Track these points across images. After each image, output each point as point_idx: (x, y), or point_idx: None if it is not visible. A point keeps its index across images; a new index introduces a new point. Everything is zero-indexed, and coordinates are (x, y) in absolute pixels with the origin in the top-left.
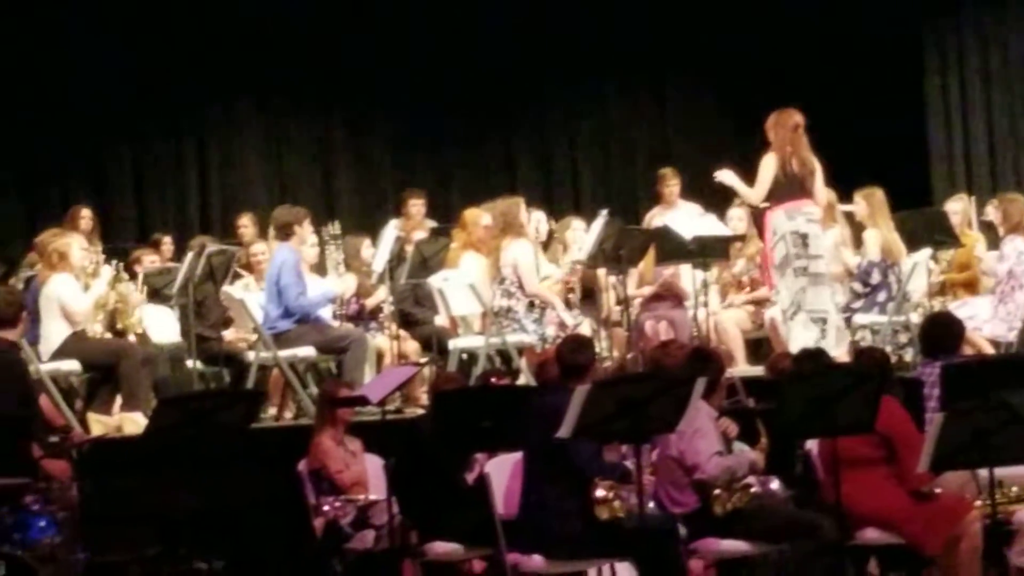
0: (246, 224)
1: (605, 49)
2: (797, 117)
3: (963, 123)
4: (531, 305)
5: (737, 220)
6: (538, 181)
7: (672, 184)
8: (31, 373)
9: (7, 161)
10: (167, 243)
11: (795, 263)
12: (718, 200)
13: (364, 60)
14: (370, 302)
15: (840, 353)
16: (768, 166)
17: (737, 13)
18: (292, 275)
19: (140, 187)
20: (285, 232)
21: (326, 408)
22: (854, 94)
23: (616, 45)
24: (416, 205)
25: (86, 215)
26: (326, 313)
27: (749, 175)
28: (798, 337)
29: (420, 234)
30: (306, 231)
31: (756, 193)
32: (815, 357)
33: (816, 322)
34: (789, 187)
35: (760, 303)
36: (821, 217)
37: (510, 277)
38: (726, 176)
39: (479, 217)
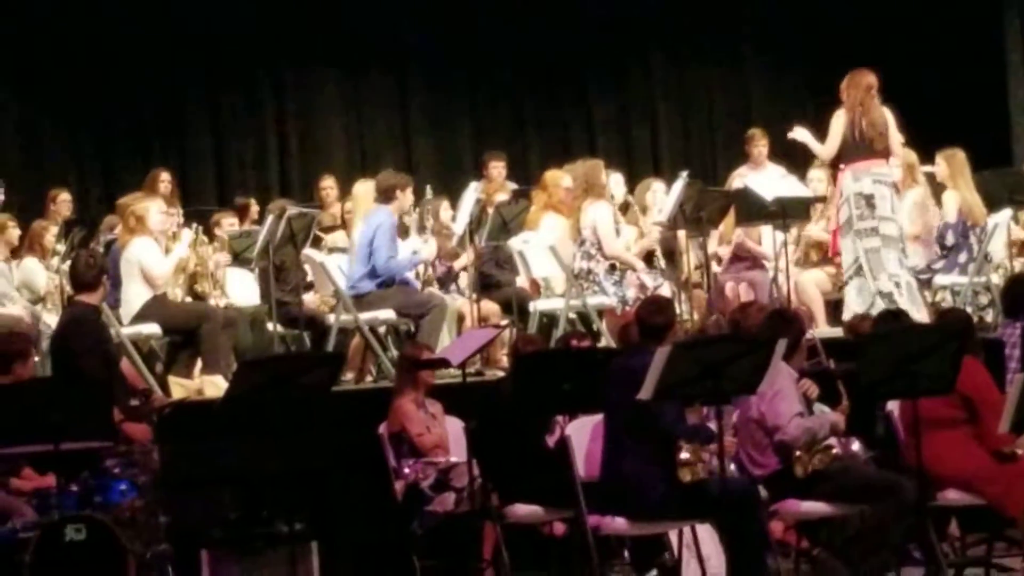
0: (330, 186)
1: (683, 11)
2: (870, 78)
3: None
4: (612, 267)
5: (817, 181)
6: (617, 144)
7: (761, 144)
8: (112, 337)
9: (87, 126)
10: (254, 206)
11: (857, 224)
12: (799, 162)
13: (440, 22)
14: (457, 265)
15: (915, 313)
16: (837, 123)
17: None
18: (387, 238)
19: (219, 151)
20: (387, 196)
21: (407, 371)
22: (933, 54)
23: (693, 7)
24: (497, 167)
25: (165, 179)
26: (410, 276)
27: (822, 135)
28: (852, 302)
29: (501, 196)
30: (407, 198)
31: (827, 149)
32: (896, 317)
33: (895, 284)
34: (857, 148)
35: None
36: (899, 177)
37: (590, 239)
38: (800, 133)
39: (560, 178)
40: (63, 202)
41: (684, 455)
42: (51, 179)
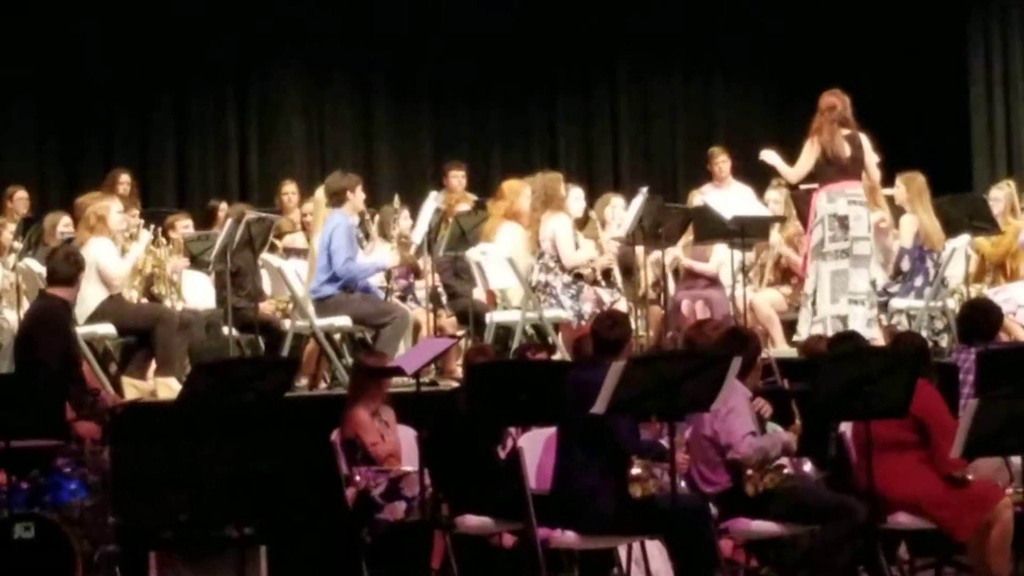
0: (291, 191)
1: (648, 26)
2: (829, 99)
3: (1005, 108)
4: (572, 281)
5: (774, 202)
6: (579, 158)
7: (721, 162)
8: (77, 336)
9: (48, 126)
10: (223, 211)
11: (828, 246)
12: (759, 179)
13: (405, 29)
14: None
15: (872, 335)
16: (807, 147)
17: None
18: (344, 239)
19: (181, 153)
20: (338, 198)
21: (361, 379)
22: (896, 77)
23: (659, 22)
24: (457, 176)
25: (125, 180)
26: (376, 283)
27: (790, 155)
28: (803, 323)
29: (463, 206)
30: (358, 198)
31: (795, 172)
32: (851, 339)
33: (859, 303)
34: (830, 169)
35: (798, 285)
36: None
37: (549, 251)
38: (769, 156)
39: (519, 188)
40: (20, 200)
41: (635, 470)
42: (11, 177)
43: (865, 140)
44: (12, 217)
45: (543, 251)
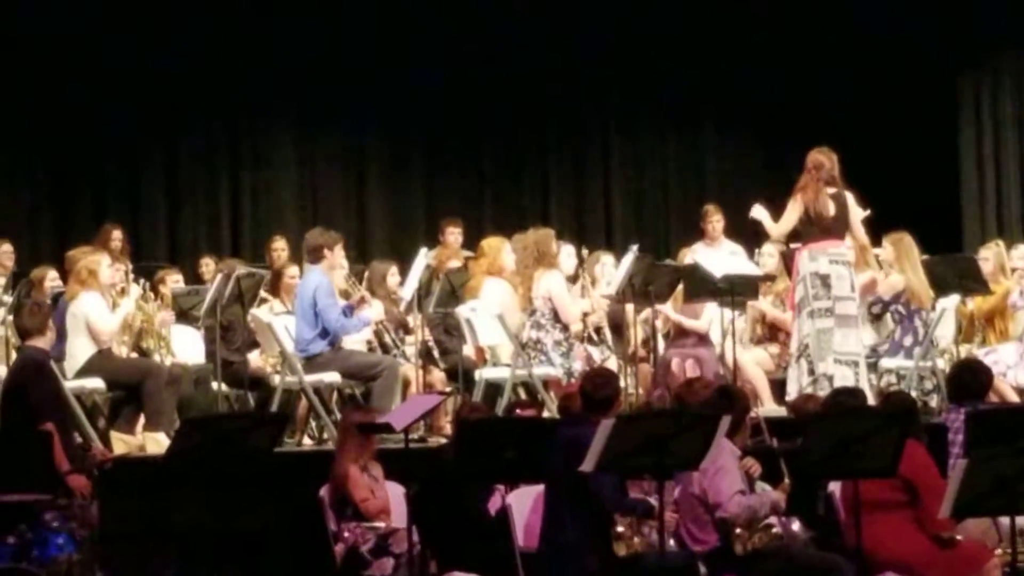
0: (281, 247)
1: (641, 85)
2: (816, 157)
3: (996, 169)
4: (564, 337)
5: (768, 256)
6: (570, 215)
7: (715, 220)
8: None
9: (40, 180)
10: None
11: (812, 304)
12: (750, 237)
13: (399, 86)
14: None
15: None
16: (791, 205)
17: (772, 53)
18: (329, 297)
19: (172, 209)
20: (316, 255)
21: (349, 434)
22: (887, 137)
23: (652, 81)
24: (454, 233)
25: (116, 236)
26: (360, 339)
27: (781, 212)
28: (792, 382)
29: (454, 263)
30: (337, 256)
31: (778, 229)
32: (853, 395)
33: (848, 365)
34: (813, 228)
35: (785, 342)
36: (852, 259)
37: (542, 309)
38: (758, 212)
39: (500, 244)
40: (5, 253)
41: (620, 528)
42: (2, 232)
43: (851, 199)
44: (0, 271)
45: (535, 308)
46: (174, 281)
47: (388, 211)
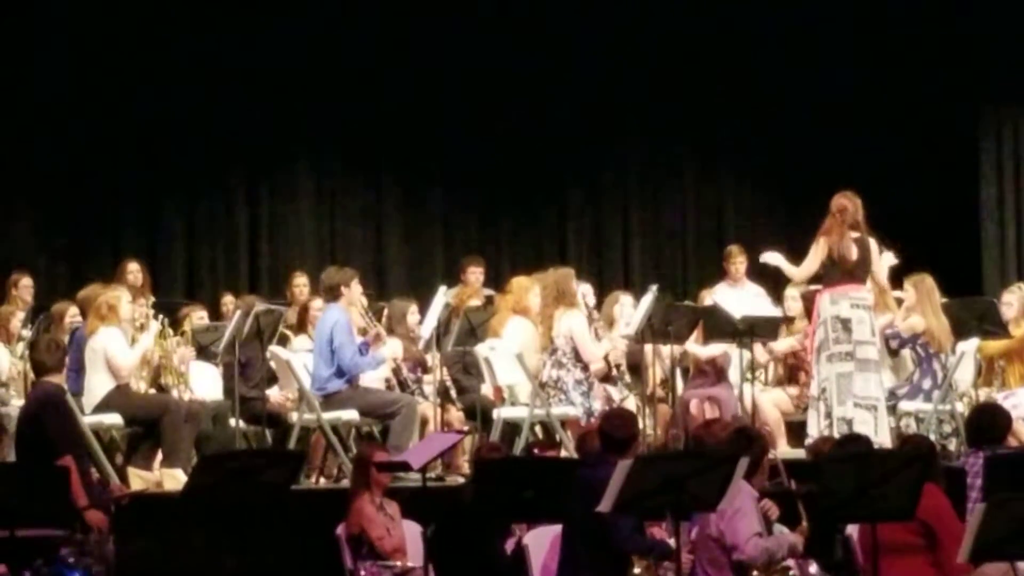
0: (303, 283)
1: (659, 122)
2: (840, 201)
3: (1016, 211)
4: (585, 377)
5: (791, 300)
6: (588, 254)
7: (738, 262)
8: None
9: (58, 216)
10: (232, 301)
11: (832, 348)
12: (776, 280)
13: (415, 123)
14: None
15: (881, 442)
16: (815, 248)
17: (795, 97)
18: (346, 334)
19: (190, 244)
20: (334, 293)
21: (365, 472)
22: (908, 180)
23: (670, 119)
24: (475, 273)
25: (134, 269)
26: (378, 376)
27: (800, 255)
28: (812, 424)
29: (473, 301)
30: (354, 292)
31: (802, 272)
32: (855, 442)
33: (869, 409)
34: (834, 271)
35: (805, 385)
36: (873, 302)
37: (563, 348)
38: (772, 257)
39: (528, 285)
40: (24, 287)
41: (637, 570)
42: (20, 264)
43: (873, 244)
44: (18, 304)
45: (556, 347)
46: (199, 317)
47: (406, 248)
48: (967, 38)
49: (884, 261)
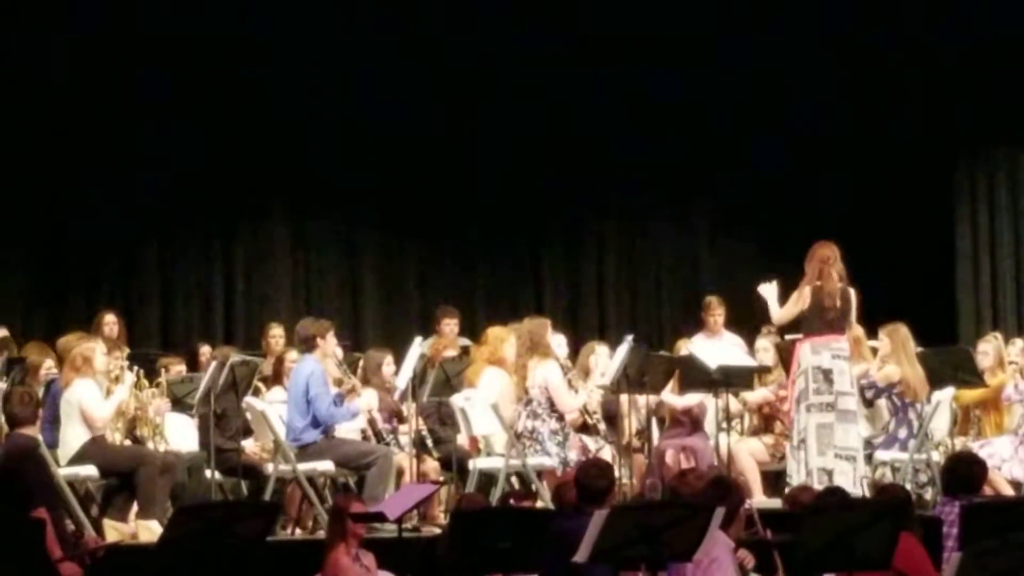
0: (278, 334)
1: (636, 173)
2: (825, 250)
3: (991, 261)
4: (560, 427)
5: (763, 351)
6: (565, 305)
7: (717, 314)
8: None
9: (33, 267)
10: (207, 353)
11: (812, 399)
12: (747, 328)
13: (391, 174)
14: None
15: (863, 490)
16: (794, 297)
17: (766, 142)
18: (322, 385)
19: (166, 295)
20: (309, 344)
21: (340, 523)
22: (882, 229)
23: (647, 170)
24: (450, 324)
25: (110, 320)
26: (353, 427)
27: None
28: (792, 473)
29: (449, 352)
30: (330, 343)
31: (780, 315)
32: (834, 495)
33: (848, 460)
34: (817, 321)
35: (781, 434)
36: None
37: (537, 398)
38: (767, 290)
39: (503, 335)
40: (1, 339)
41: None
42: None
43: (853, 294)
44: None
45: (531, 398)
46: (177, 371)
47: (382, 299)
48: (940, 84)
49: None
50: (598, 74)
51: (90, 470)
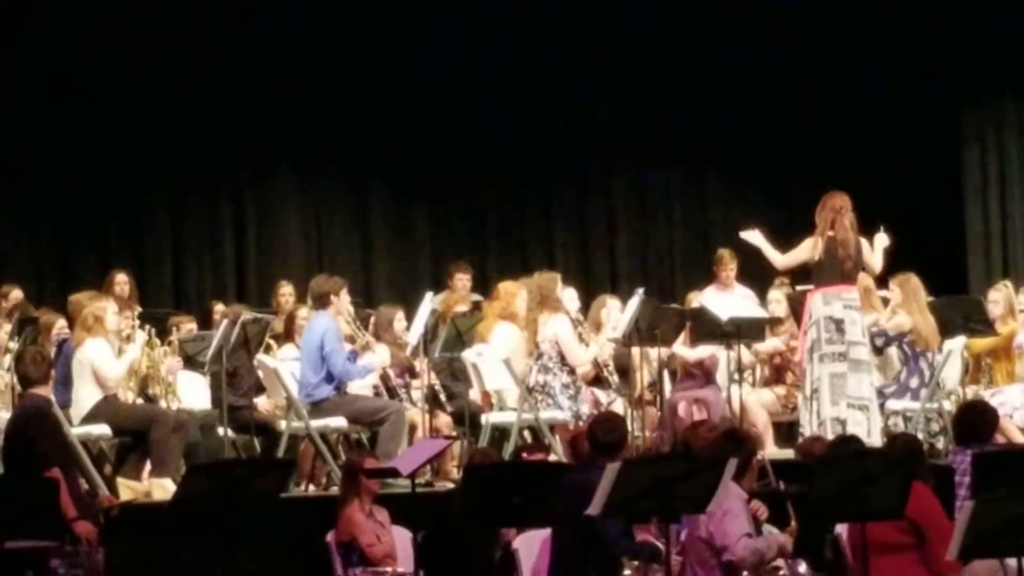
0: (288, 292)
1: (645, 127)
2: (838, 200)
3: (1001, 210)
4: (572, 381)
5: (776, 303)
6: (575, 259)
7: (729, 268)
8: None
9: (43, 227)
10: (220, 311)
11: (825, 348)
12: (757, 280)
13: (400, 131)
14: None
15: (873, 443)
16: (805, 244)
17: (774, 96)
18: (337, 342)
19: (177, 254)
20: (323, 301)
21: (353, 479)
22: (891, 179)
23: (656, 123)
24: (463, 280)
25: (121, 280)
26: (366, 383)
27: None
28: (805, 424)
29: (460, 307)
30: (343, 301)
31: (783, 260)
32: (849, 443)
33: (861, 409)
34: (829, 271)
35: (793, 385)
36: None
37: (548, 352)
38: (752, 236)
39: (515, 290)
40: (14, 299)
41: (627, 572)
42: (7, 276)
43: (865, 244)
44: (6, 317)
45: (542, 352)
46: (188, 329)
47: (393, 256)
48: (950, 37)
49: (878, 243)
50: (605, 31)
51: (103, 429)
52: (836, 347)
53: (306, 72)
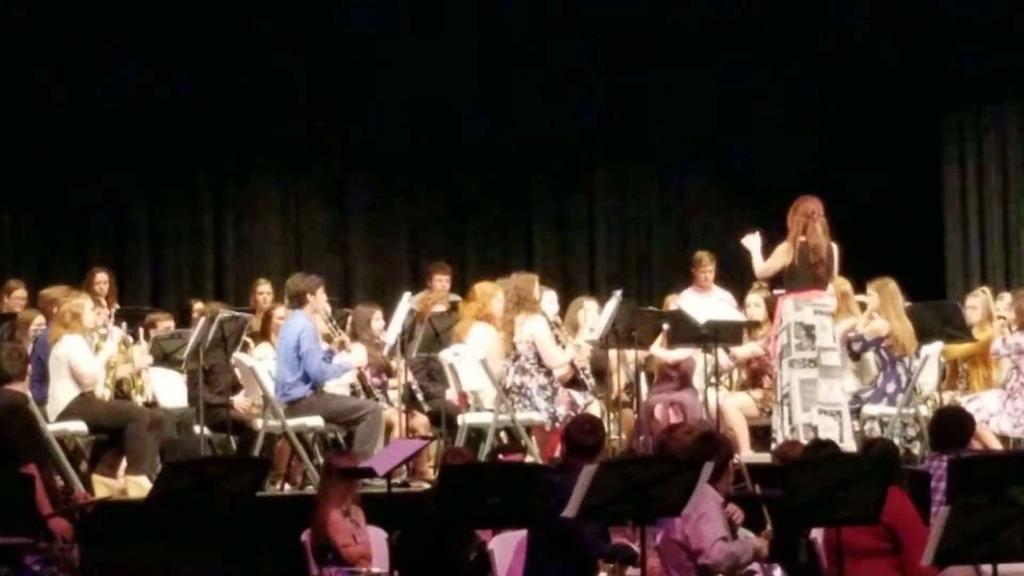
0: (267, 291)
1: (625, 128)
2: (811, 204)
3: (979, 215)
4: (548, 382)
5: (754, 306)
6: (554, 260)
7: (707, 270)
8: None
9: (25, 223)
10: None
11: (795, 354)
12: (736, 283)
13: (380, 132)
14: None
15: (849, 445)
16: (779, 251)
17: (755, 99)
18: (313, 341)
19: (156, 252)
20: (299, 300)
21: (331, 479)
22: (870, 183)
23: (635, 126)
24: (441, 280)
25: (101, 279)
26: (343, 382)
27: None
28: (777, 429)
29: (438, 307)
30: (319, 299)
31: (762, 268)
32: (825, 447)
33: (833, 415)
34: (801, 276)
35: (770, 389)
36: (834, 307)
37: (525, 353)
38: (750, 240)
39: (492, 291)
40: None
41: (602, 574)
42: None
43: (836, 250)
44: None
45: (519, 353)
46: (165, 327)
47: (371, 255)
48: (930, 40)
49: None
50: (584, 33)
51: (79, 426)
52: (806, 353)
53: (286, 72)
